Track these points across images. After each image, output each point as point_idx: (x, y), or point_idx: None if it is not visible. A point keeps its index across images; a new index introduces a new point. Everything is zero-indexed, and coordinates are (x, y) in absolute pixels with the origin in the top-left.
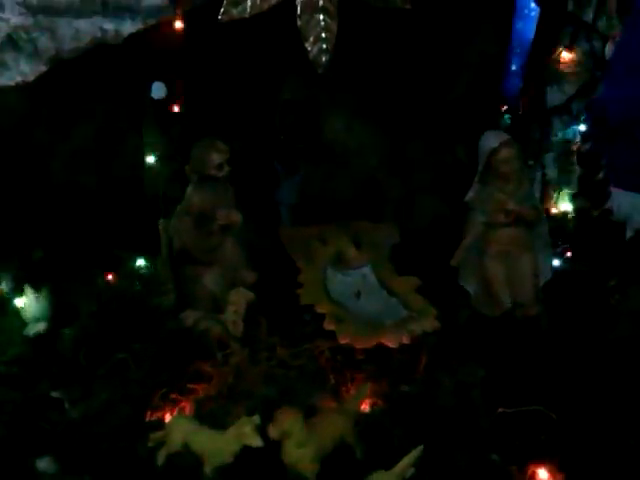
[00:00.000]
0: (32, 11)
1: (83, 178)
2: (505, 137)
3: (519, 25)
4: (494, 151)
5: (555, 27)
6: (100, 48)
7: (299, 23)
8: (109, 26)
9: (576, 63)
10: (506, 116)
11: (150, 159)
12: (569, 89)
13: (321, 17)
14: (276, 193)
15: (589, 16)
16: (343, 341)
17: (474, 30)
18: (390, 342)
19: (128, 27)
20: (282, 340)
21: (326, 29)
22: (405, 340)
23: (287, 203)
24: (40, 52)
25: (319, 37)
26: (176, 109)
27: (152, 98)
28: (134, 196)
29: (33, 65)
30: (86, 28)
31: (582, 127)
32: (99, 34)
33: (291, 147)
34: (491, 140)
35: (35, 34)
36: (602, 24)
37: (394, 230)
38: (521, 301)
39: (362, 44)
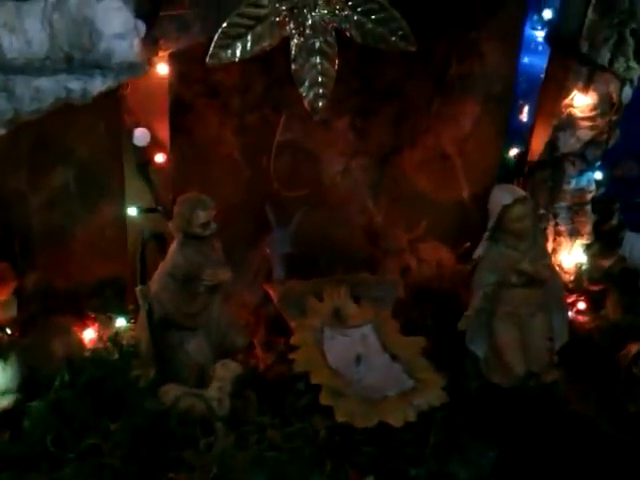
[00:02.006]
0: None
1: (61, 228)
2: (519, 193)
3: (526, 59)
4: (507, 208)
5: (568, 69)
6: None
7: (293, 67)
8: (75, 85)
9: (591, 107)
10: (511, 157)
11: (132, 211)
12: (583, 134)
13: (317, 60)
14: (268, 243)
15: (605, 58)
16: (341, 419)
17: (479, 67)
18: (394, 421)
19: (98, 85)
20: (273, 418)
21: (323, 73)
22: (410, 417)
23: (279, 253)
24: None
25: (315, 81)
26: (160, 158)
27: (135, 145)
28: (115, 250)
29: None
30: (48, 87)
31: (597, 175)
32: (64, 93)
33: (285, 193)
34: (504, 196)
35: None
36: (619, 66)
37: (396, 283)
38: (535, 368)
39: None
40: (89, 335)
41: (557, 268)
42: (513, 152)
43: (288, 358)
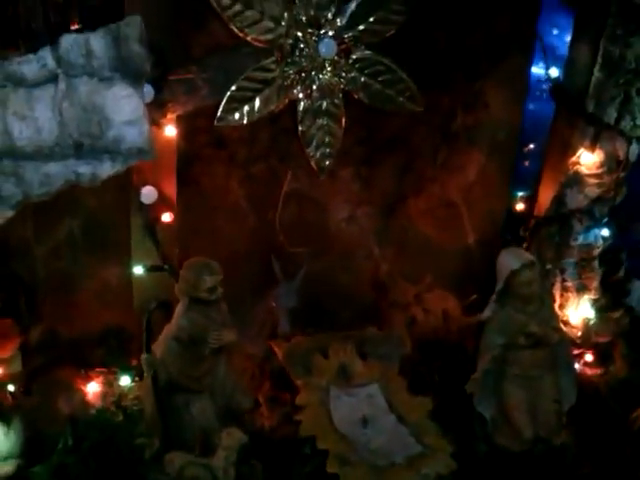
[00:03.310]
0: None
1: (66, 279)
2: (526, 258)
3: (532, 106)
4: (515, 273)
5: (574, 127)
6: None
7: (300, 128)
8: (84, 169)
9: (598, 165)
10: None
11: (138, 269)
12: (590, 191)
13: (324, 121)
14: (274, 296)
15: (612, 117)
16: None
17: (484, 117)
18: None
19: (107, 169)
20: None
21: (329, 133)
22: None
23: (285, 307)
24: (5, 198)
25: (322, 141)
26: (167, 217)
27: (142, 203)
28: (119, 299)
29: None
30: (57, 172)
31: (604, 231)
32: (73, 177)
33: (291, 248)
34: (511, 261)
35: None
36: (626, 125)
37: (404, 338)
38: (544, 432)
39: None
40: (93, 388)
41: (564, 323)
42: (520, 197)
43: (294, 419)
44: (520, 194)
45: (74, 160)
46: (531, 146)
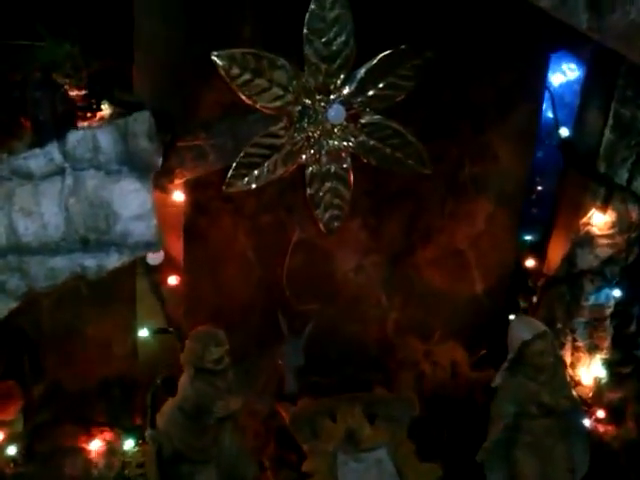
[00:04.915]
0: (1, 252)
1: (69, 332)
2: (539, 328)
3: (540, 154)
4: (527, 343)
5: (585, 188)
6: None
7: (309, 191)
8: (90, 262)
9: (609, 225)
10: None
11: (143, 332)
12: (602, 252)
13: (333, 184)
14: (280, 354)
15: (623, 177)
16: None
17: (492, 168)
18: None
19: (113, 261)
20: None
21: (338, 195)
22: None
23: (293, 365)
24: (9, 292)
25: (330, 204)
26: (173, 280)
27: (148, 264)
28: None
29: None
30: (63, 266)
31: (616, 291)
32: (79, 270)
33: (298, 305)
34: (523, 331)
35: (4, 277)
36: (638, 185)
37: (412, 400)
38: None
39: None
40: (96, 446)
41: (576, 383)
42: (529, 250)
43: None
44: (528, 238)
45: (80, 254)
46: (539, 188)
